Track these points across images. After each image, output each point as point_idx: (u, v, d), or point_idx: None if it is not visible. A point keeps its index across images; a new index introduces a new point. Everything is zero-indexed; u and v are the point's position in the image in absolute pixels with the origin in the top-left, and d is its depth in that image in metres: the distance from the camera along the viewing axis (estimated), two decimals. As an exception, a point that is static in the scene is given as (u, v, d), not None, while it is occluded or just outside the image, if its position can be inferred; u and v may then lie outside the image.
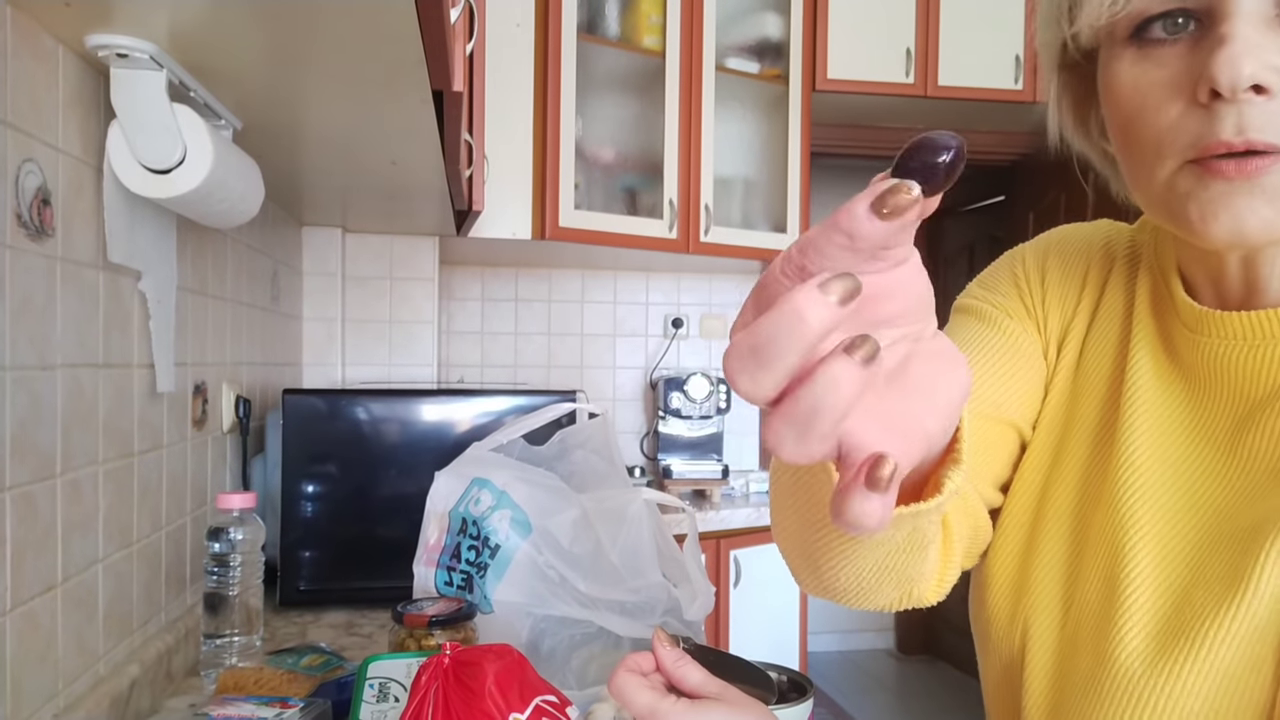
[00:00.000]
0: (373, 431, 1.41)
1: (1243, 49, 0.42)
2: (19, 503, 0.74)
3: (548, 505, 1.01)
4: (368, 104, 0.99)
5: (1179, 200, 0.47)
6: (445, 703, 0.66)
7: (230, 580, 1.02)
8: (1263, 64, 0.42)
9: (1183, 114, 0.46)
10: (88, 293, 0.86)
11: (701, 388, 2.67)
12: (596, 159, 2.38)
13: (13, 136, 0.73)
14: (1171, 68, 0.46)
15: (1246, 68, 0.42)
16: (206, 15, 0.74)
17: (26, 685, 0.75)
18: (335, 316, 2.08)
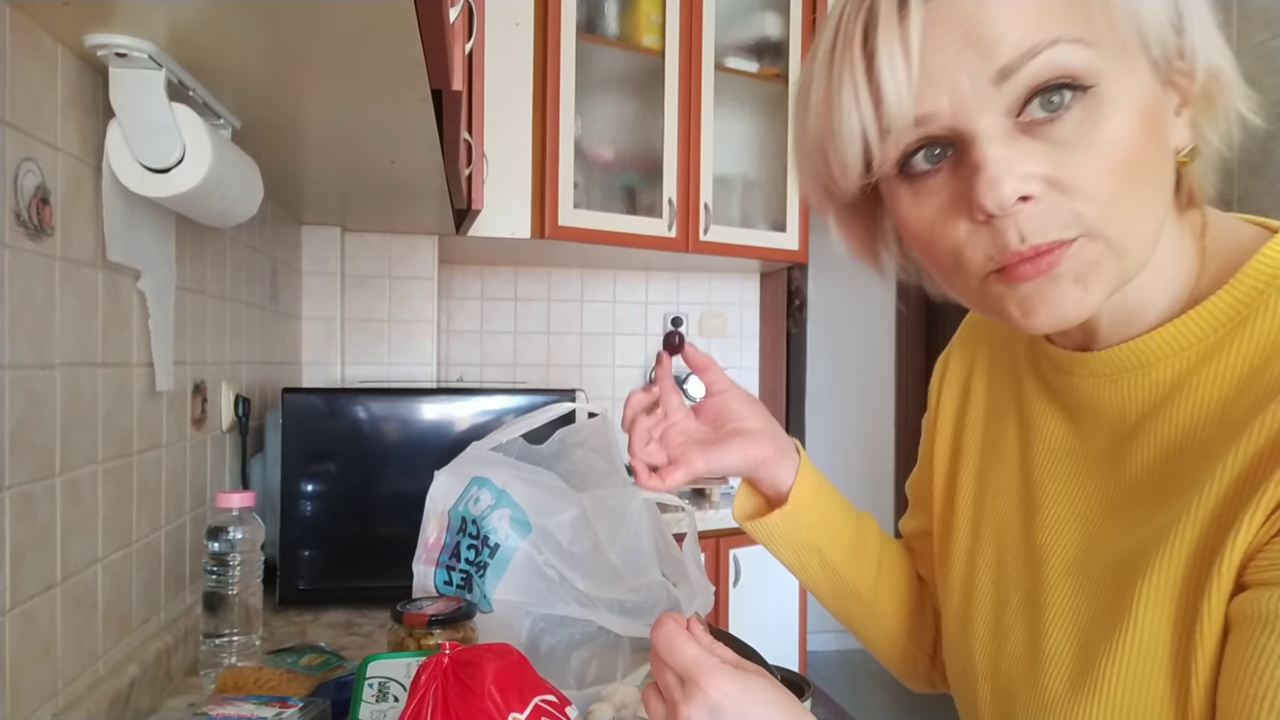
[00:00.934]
0: (372, 430, 1.41)
1: (998, 171, 0.45)
2: (18, 502, 0.73)
3: (547, 504, 1.01)
4: (367, 103, 0.99)
5: (996, 302, 0.50)
6: (445, 702, 0.66)
7: (229, 579, 1.02)
8: (1021, 177, 0.45)
9: (969, 233, 0.49)
10: (87, 292, 0.86)
11: (701, 387, 2.66)
12: (596, 158, 2.38)
13: (12, 136, 0.72)
14: (942, 195, 0.50)
15: (1007, 188, 0.45)
16: (205, 14, 0.74)
17: (25, 685, 0.75)
18: (334, 315, 2.08)
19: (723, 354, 2.90)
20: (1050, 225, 0.46)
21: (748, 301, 2.93)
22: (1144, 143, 0.47)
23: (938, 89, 0.47)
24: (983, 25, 0.45)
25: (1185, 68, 0.48)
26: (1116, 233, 0.47)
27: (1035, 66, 0.45)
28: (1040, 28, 0.45)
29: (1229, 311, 0.50)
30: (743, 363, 2.93)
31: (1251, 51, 2.24)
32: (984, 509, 0.67)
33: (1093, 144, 0.46)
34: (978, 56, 0.45)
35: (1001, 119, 0.46)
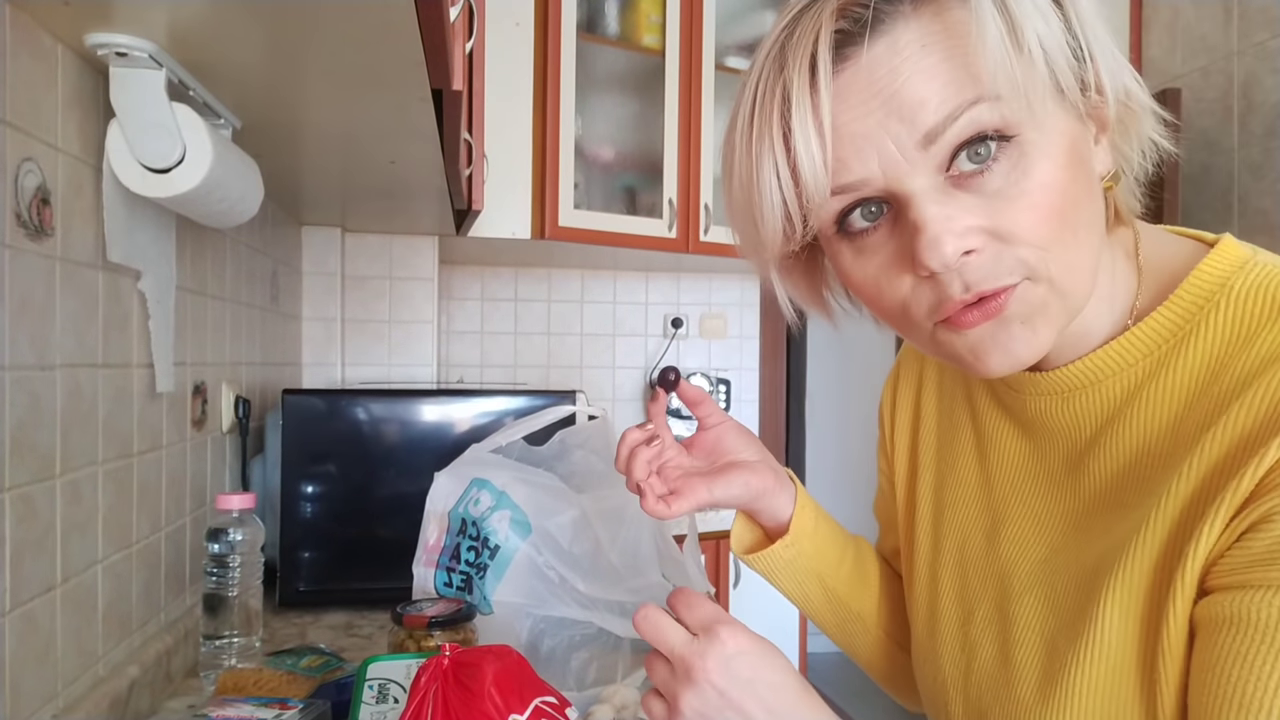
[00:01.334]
0: (372, 432, 1.41)
1: (938, 230, 0.46)
2: (18, 503, 0.73)
3: (547, 506, 1.01)
4: (367, 103, 0.99)
5: (949, 348, 0.51)
6: (445, 704, 0.65)
7: (229, 581, 1.02)
8: (959, 233, 0.47)
9: (914, 286, 0.50)
10: (87, 292, 0.86)
11: (701, 388, 2.67)
12: (596, 158, 2.38)
13: (12, 136, 0.72)
14: (883, 252, 0.51)
15: (949, 246, 0.46)
16: (206, 14, 0.74)
17: (25, 686, 0.75)
18: (335, 316, 2.08)
19: (723, 354, 2.90)
20: (994, 274, 0.48)
21: (748, 302, 2.93)
22: (1072, 180, 0.48)
23: (866, 156, 0.48)
24: (902, 92, 0.46)
25: (1097, 98, 0.49)
26: (1059, 274, 0.48)
27: (959, 127, 0.46)
28: (958, 90, 0.46)
29: (1170, 328, 0.52)
30: (743, 363, 2.93)
31: (1251, 51, 2.24)
32: (943, 523, 0.68)
33: (1024, 191, 0.47)
34: (901, 123, 0.47)
35: (933, 176, 0.47)
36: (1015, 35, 0.45)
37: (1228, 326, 0.51)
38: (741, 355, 2.93)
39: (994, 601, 0.61)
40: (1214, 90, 2.34)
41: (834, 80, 0.47)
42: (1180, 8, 2.46)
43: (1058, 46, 0.47)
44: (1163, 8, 2.53)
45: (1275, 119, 2.17)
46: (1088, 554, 0.54)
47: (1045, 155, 0.47)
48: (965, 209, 0.47)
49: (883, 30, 0.47)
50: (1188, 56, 2.44)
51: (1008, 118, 0.46)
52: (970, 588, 0.64)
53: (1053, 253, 0.48)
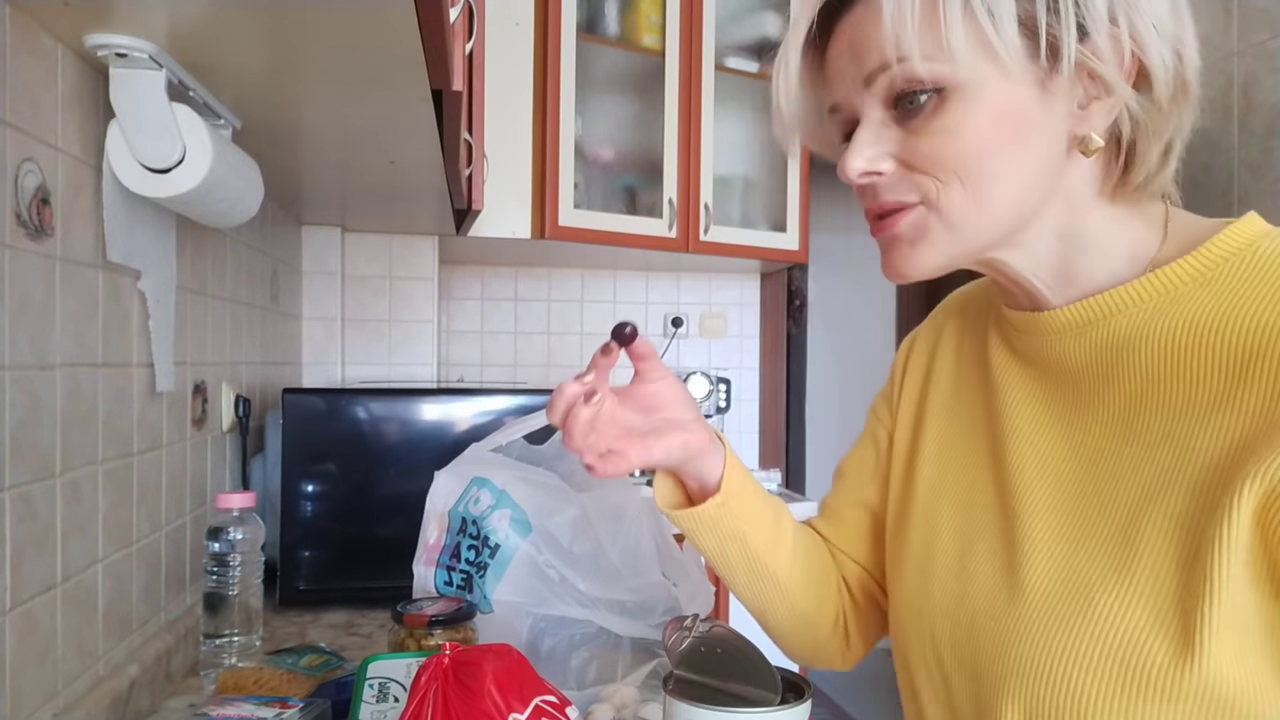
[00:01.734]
0: (372, 431, 1.41)
1: (852, 153, 0.58)
2: (18, 503, 0.73)
3: (547, 504, 1.01)
4: (367, 103, 0.99)
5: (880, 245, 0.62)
6: (445, 703, 0.66)
7: (230, 580, 1.02)
8: (868, 159, 0.58)
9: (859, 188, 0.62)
10: (87, 292, 0.86)
11: (701, 387, 2.67)
12: (596, 158, 2.38)
13: (12, 136, 0.72)
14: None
15: (852, 166, 0.58)
16: (206, 15, 0.74)
17: (26, 685, 0.75)
18: (335, 316, 2.08)
19: (723, 354, 2.90)
20: (894, 193, 0.58)
21: (748, 301, 2.93)
22: (993, 134, 0.55)
23: (835, 86, 0.60)
24: (857, 43, 0.57)
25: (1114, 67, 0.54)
26: (948, 207, 0.57)
27: (887, 77, 0.56)
28: (895, 46, 0.54)
29: (1193, 274, 0.57)
30: (743, 363, 2.93)
31: (1251, 51, 2.24)
32: (948, 469, 0.71)
33: (932, 132, 0.56)
34: (853, 63, 0.58)
35: (880, 110, 0.58)
36: (968, 6, 0.53)
37: (1252, 277, 0.54)
38: (741, 355, 2.93)
39: (999, 534, 0.64)
40: (1214, 90, 2.34)
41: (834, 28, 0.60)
42: (1180, 7, 2.47)
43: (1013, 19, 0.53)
44: (1163, 7, 2.53)
45: (1275, 119, 2.17)
46: (1112, 487, 0.57)
47: (966, 110, 0.55)
48: (888, 139, 0.58)
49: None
50: (1187, 56, 2.44)
51: (936, 73, 0.54)
52: (975, 524, 0.66)
53: (949, 187, 0.56)
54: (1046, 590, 0.58)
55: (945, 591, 0.66)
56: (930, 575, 0.68)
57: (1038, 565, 0.59)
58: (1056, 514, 0.60)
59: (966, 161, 0.55)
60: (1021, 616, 0.59)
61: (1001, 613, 0.60)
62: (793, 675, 0.61)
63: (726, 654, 0.61)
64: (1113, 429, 0.58)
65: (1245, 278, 0.54)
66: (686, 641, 0.62)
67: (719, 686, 0.59)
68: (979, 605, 0.62)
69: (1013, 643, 0.58)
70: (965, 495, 0.68)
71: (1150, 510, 0.54)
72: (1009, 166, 0.56)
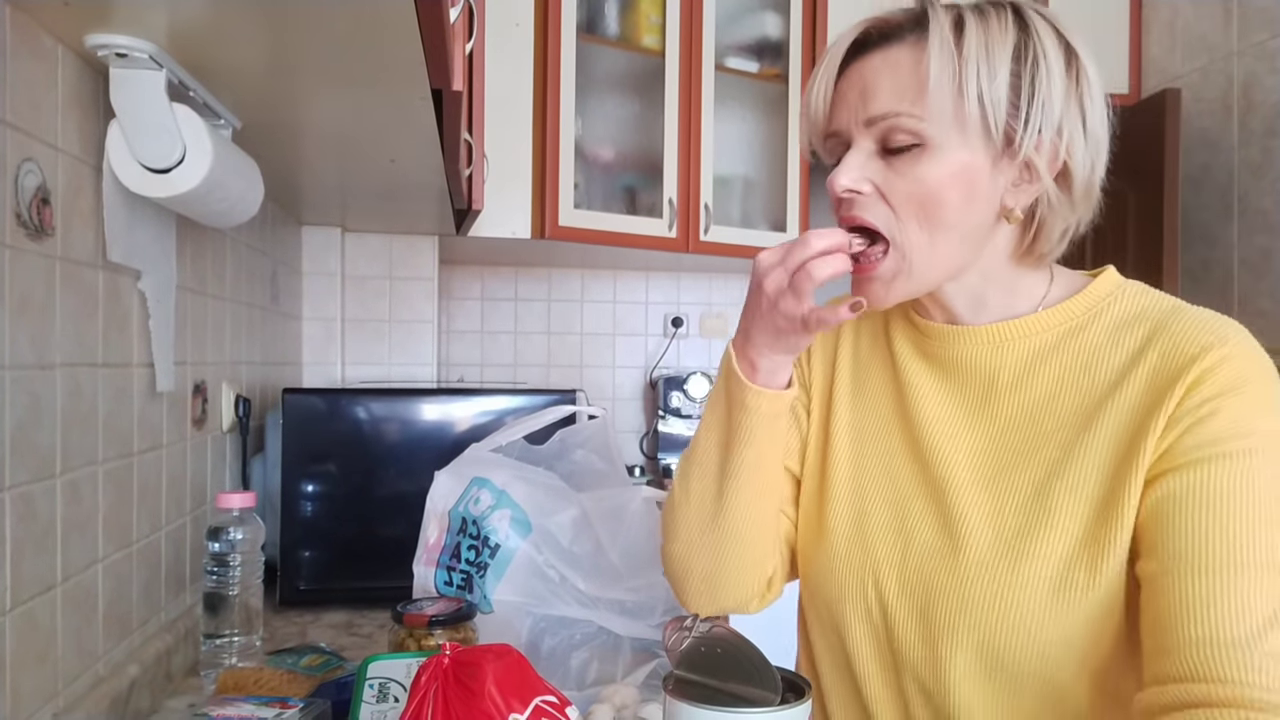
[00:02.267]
0: (373, 431, 1.41)
1: (842, 170, 0.71)
2: (18, 503, 0.73)
3: (547, 504, 1.01)
4: (367, 103, 0.99)
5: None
6: (445, 703, 0.66)
7: (230, 580, 1.02)
8: (853, 180, 0.71)
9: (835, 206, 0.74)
10: (87, 292, 0.86)
11: (701, 387, 2.67)
12: (596, 158, 2.38)
13: (12, 136, 0.72)
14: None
15: (840, 181, 0.71)
16: (206, 15, 0.74)
17: (26, 685, 0.75)
18: (335, 316, 2.08)
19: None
20: (866, 213, 0.71)
21: (748, 302, 2.93)
22: (948, 190, 0.69)
23: (839, 116, 0.74)
24: (867, 89, 0.71)
25: (1045, 164, 0.70)
26: (909, 245, 0.71)
27: (883, 125, 0.70)
28: (895, 102, 0.69)
29: (1079, 310, 0.75)
30: (743, 363, 2.93)
31: (1251, 51, 2.24)
32: (865, 447, 0.83)
33: (906, 175, 0.70)
34: (860, 105, 0.71)
35: (870, 142, 0.72)
36: (957, 78, 0.68)
37: (1123, 312, 0.74)
38: (741, 355, 2.93)
39: (929, 498, 0.77)
40: (1214, 90, 2.34)
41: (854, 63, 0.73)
42: (1180, 7, 2.46)
43: (995, 99, 0.68)
44: (1163, 7, 2.53)
45: (1275, 119, 2.17)
46: (1026, 462, 0.73)
47: (936, 165, 0.69)
48: (871, 168, 0.71)
49: (893, 41, 0.71)
50: (1188, 56, 2.44)
51: (920, 130, 0.69)
52: (901, 492, 0.79)
53: (906, 227, 0.71)
54: (985, 541, 0.73)
55: (888, 548, 0.78)
56: (867, 536, 0.79)
57: (972, 523, 0.74)
58: (976, 485, 0.75)
59: (927, 204, 0.70)
60: (969, 561, 0.72)
61: (950, 561, 0.74)
62: (793, 675, 0.61)
63: (726, 654, 0.61)
64: (1022, 420, 0.75)
65: (1117, 314, 0.73)
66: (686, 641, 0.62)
67: (719, 686, 0.59)
68: (926, 557, 0.75)
69: (964, 583, 0.72)
70: (887, 470, 0.81)
71: (1059, 478, 0.71)
72: (957, 217, 0.71)
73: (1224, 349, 0.67)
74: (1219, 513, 0.63)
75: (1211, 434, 0.65)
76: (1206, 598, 0.61)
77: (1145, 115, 2.29)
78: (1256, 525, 0.62)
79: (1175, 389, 0.67)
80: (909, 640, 0.75)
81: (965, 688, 0.72)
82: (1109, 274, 0.77)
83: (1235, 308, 2.23)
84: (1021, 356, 0.76)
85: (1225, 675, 0.59)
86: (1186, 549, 0.63)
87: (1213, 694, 0.59)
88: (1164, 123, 2.22)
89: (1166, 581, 0.64)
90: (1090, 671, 0.69)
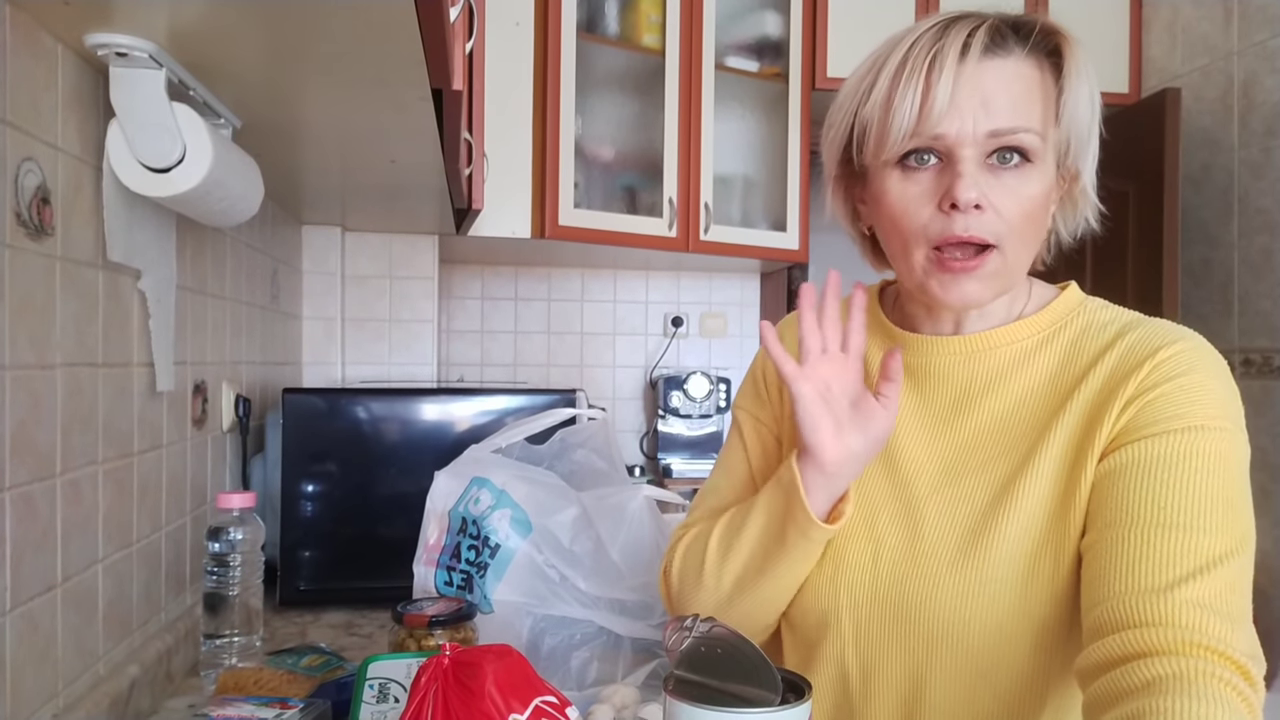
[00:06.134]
0: (373, 431, 1.41)
1: (970, 181, 0.71)
2: (18, 503, 0.73)
3: (547, 504, 1.01)
4: (367, 102, 0.99)
5: (923, 276, 0.75)
6: (445, 703, 0.66)
7: (230, 580, 1.02)
8: (980, 192, 0.71)
9: (932, 216, 0.73)
10: (87, 292, 0.86)
11: (701, 387, 2.66)
12: (596, 158, 2.38)
13: (12, 135, 0.72)
14: (924, 186, 0.74)
15: (973, 192, 0.71)
16: (206, 14, 0.74)
17: (26, 685, 0.75)
18: (335, 315, 2.08)
19: (723, 354, 2.90)
20: (982, 228, 0.72)
21: (748, 301, 2.93)
22: (1041, 205, 0.74)
23: (952, 120, 0.71)
24: (992, 98, 0.71)
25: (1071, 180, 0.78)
26: (1011, 253, 0.73)
27: (1009, 137, 0.71)
28: (1022, 115, 0.71)
29: (1047, 324, 0.79)
30: (743, 363, 2.93)
31: (1251, 51, 2.24)
32: None
33: (1016, 191, 0.72)
34: (984, 114, 0.71)
35: (980, 154, 0.72)
36: (1084, 102, 0.73)
37: (1087, 324, 0.78)
38: (741, 354, 2.93)
39: (897, 503, 0.79)
40: (1214, 90, 2.34)
41: (964, 66, 0.71)
42: (1180, 7, 2.46)
43: (1080, 131, 0.75)
44: (1163, 7, 2.53)
45: (1275, 118, 2.17)
46: (992, 464, 0.76)
47: (1039, 180, 0.73)
48: (983, 183, 0.72)
49: (1001, 54, 0.72)
50: (1188, 56, 2.44)
51: (1036, 147, 0.72)
52: (870, 500, 0.80)
53: (1013, 237, 0.73)
54: (950, 541, 0.75)
55: (859, 550, 0.79)
56: (838, 545, 0.80)
57: (937, 524, 0.76)
58: (942, 489, 0.78)
59: (1031, 219, 0.73)
60: (936, 561, 0.75)
61: (917, 562, 0.76)
62: (793, 675, 0.61)
63: (726, 654, 0.61)
64: (992, 426, 0.78)
65: (1079, 328, 0.78)
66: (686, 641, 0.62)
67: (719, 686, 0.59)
68: (895, 561, 0.77)
69: (932, 583, 0.74)
70: (860, 481, 0.80)
71: (1021, 476, 0.74)
72: (1041, 230, 0.76)
73: (1175, 346, 0.72)
74: (1151, 480, 0.67)
75: (1153, 415, 0.69)
76: (1135, 554, 0.65)
77: (1145, 115, 2.29)
78: (1185, 491, 0.66)
79: (1129, 382, 0.71)
80: (882, 643, 0.77)
81: (937, 682, 0.74)
82: (1073, 289, 0.82)
83: (1235, 308, 2.23)
84: (993, 366, 0.79)
85: (1148, 619, 0.61)
86: (1119, 515, 0.67)
87: (1140, 639, 0.60)
88: (1164, 123, 2.22)
89: (1100, 546, 0.67)
90: (1044, 649, 0.72)
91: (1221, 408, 0.70)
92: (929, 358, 0.81)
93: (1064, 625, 0.72)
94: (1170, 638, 0.60)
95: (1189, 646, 0.59)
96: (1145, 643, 0.60)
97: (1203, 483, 0.66)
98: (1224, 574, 0.63)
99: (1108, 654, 0.62)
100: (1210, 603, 0.61)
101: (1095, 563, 0.67)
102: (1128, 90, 2.58)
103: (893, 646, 0.77)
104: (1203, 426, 0.68)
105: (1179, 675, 0.57)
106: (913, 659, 0.75)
